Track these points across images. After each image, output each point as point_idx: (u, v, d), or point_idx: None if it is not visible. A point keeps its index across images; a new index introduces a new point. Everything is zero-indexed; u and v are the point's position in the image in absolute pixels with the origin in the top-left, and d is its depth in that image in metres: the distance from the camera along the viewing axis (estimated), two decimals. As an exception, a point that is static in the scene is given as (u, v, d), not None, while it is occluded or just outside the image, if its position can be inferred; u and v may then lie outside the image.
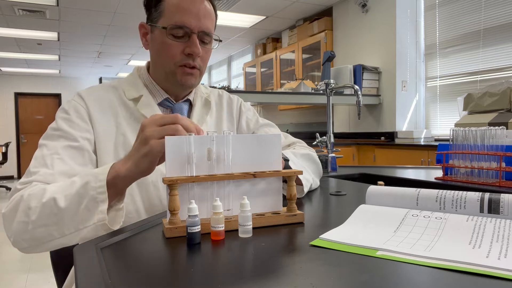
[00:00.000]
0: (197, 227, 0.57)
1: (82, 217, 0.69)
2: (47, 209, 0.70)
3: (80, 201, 0.69)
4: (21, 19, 5.15)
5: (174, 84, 0.98)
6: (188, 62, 0.94)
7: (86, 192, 0.69)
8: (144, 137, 0.68)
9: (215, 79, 8.65)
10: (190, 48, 0.93)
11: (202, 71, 1.00)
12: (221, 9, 4.80)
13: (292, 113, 5.67)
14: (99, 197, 0.69)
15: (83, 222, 0.69)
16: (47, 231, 0.70)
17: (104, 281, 0.44)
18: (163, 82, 1.00)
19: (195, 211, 0.57)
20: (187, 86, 0.98)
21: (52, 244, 0.72)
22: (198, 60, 0.96)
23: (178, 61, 0.94)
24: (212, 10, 0.99)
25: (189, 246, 0.56)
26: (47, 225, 0.70)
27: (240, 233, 0.60)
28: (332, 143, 1.54)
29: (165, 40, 0.93)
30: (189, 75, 0.96)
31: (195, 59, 0.95)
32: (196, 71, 0.97)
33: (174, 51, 0.94)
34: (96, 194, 0.69)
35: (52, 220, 0.70)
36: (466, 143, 1.11)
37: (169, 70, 0.95)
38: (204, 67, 1.00)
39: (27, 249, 0.74)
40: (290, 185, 0.69)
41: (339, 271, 0.46)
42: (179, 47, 0.93)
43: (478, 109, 2.74)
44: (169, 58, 0.94)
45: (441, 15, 3.75)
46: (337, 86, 1.62)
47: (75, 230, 0.70)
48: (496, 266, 0.44)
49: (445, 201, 0.63)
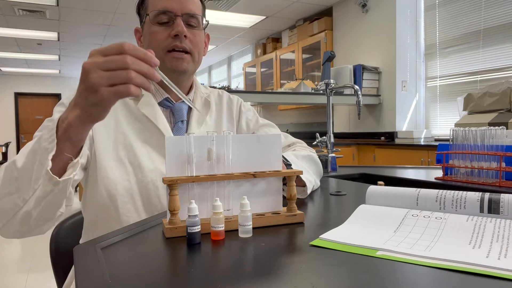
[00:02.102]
0: (197, 227, 0.57)
1: (37, 175, 0.65)
2: (8, 173, 0.68)
3: (34, 157, 0.66)
4: (21, 19, 5.15)
5: (165, 72, 0.92)
6: (175, 44, 0.93)
7: (39, 145, 0.65)
8: (90, 84, 0.57)
9: (215, 79, 8.65)
10: (175, 29, 0.92)
11: (195, 56, 0.98)
12: (221, 9, 4.80)
13: (292, 113, 5.67)
14: (49, 147, 0.63)
15: (37, 180, 0.65)
16: (12, 200, 0.67)
17: (104, 281, 0.44)
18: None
19: (195, 211, 0.57)
20: (179, 71, 0.95)
21: (19, 217, 0.68)
22: (187, 42, 0.94)
23: (165, 46, 0.93)
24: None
25: (189, 246, 0.56)
26: (10, 193, 0.67)
27: (240, 233, 0.60)
28: (332, 143, 1.54)
29: (151, 29, 0.94)
30: (179, 60, 0.94)
31: (182, 40, 0.93)
32: (187, 55, 0.95)
33: (161, 37, 0.93)
34: (47, 144, 0.64)
35: (14, 186, 0.67)
36: (466, 143, 1.11)
37: (159, 58, 0.88)
38: (195, 51, 0.97)
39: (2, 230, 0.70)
40: (290, 185, 0.69)
41: (339, 271, 0.46)
42: (165, 32, 0.93)
43: (478, 109, 2.74)
44: (157, 45, 0.93)
45: (441, 15, 3.75)
46: (337, 86, 1.62)
47: (32, 192, 0.66)
48: (496, 266, 0.44)
49: (445, 201, 0.63)
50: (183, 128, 1.01)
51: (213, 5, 4.62)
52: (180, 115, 1.01)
